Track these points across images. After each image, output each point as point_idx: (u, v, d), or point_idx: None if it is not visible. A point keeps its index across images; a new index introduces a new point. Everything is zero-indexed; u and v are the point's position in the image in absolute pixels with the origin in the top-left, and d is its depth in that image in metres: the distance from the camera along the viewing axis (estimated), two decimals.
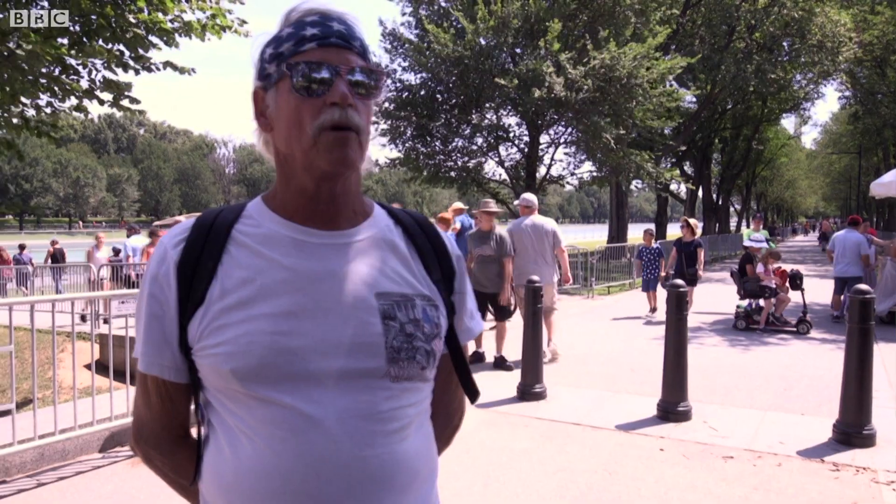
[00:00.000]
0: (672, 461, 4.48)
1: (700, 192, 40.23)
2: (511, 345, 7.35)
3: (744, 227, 51.15)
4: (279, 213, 1.09)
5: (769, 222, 61.54)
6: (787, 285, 9.93)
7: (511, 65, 18.44)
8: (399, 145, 19.94)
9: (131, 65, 6.57)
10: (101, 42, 6.16)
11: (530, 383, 6.00)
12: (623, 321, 10.94)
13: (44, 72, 6.16)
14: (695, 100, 31.27)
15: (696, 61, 21.72)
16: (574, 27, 18.84)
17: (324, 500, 0.99)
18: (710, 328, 10.18)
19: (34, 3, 5.94)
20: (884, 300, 10.06)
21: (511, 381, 6.37)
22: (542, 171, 21.45)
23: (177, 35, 6.48)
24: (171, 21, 6.37)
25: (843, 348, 4.88)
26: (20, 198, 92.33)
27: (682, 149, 31.05)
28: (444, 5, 20.34)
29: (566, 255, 7.83)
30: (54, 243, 19.70)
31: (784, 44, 27.95)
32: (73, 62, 6.38)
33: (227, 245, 1.06)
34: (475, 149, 20.54)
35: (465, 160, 20.59)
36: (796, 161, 64.25)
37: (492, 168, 32.59)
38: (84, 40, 6.07)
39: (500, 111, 19.89)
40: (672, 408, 5.34)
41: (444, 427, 1.28)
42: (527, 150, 20.49)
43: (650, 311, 11.27)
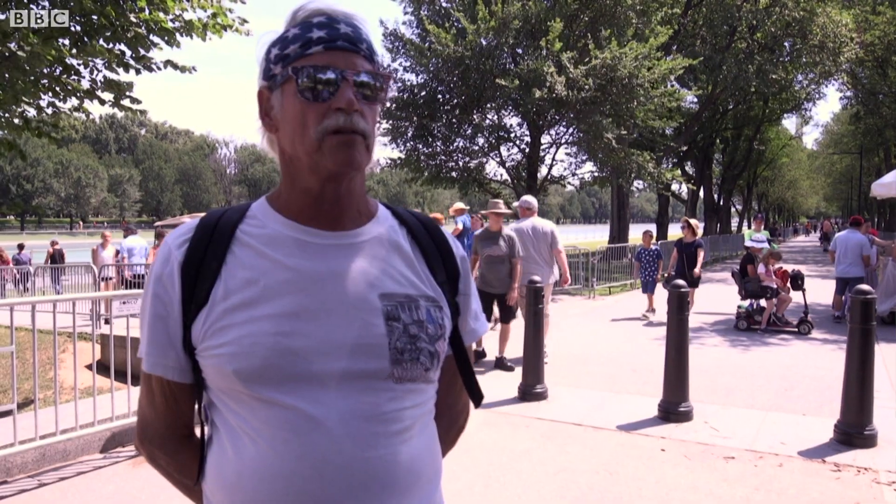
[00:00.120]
0: (673, 462, 4.48)
1: (701, 193, 40.23)
2: (510, 345, 7.37)
3: (745, 228, 51.13)
4: (283, 214, 1.08)
5: (770, 223, 61.47)
6: (788, 285, 9.92)
7: (512, 65, 18.43)
8: (400, 145, 19.94)
9: (132, 64, 6.58)
10: (101, 42, 6.17)
11: (531, 384, 6.00)
12: (624, 321, 10.94)
13: (45, 72, 6.17)
14: (696, 100, 31.26)
15: (698, 62, 21.70)
16: (575, 27, 18.83)
17: (326, 501, 0.99)
18: (712, 328, 10.17)
19: (35, 3, 5.94)
20: (885, 300, 10.05)
21: (512, 381, 6.37)
22: (543, 171, 21.45)
23: (178, 34, 6.49)
24: (173, 20, 6.37)
25: (845, 349, 4.88)
26: (21, 198, 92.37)
27: (684, 149, 31.07)
28: (446, 6, 20.34)
29: (564, 256, 7.88)
30: (54, 244, 19.68)
31: (785, 44, 27.92)
32: (74, 62, 6.38)
33: (231, 245, 1.06)
34: (476, 149, 20.53)
35: (467, 160, 20.58)
36: (797, 161, 64.20)
37: (493, 168, 32.55)
38: (85, 40, 6.08)
39: (502, 111, 19.89)
40: (673, 408, 5.34)
41: (449, 428, 1.28)
42: (528, 150, 20.48)
43: (647, 311, 11.24)
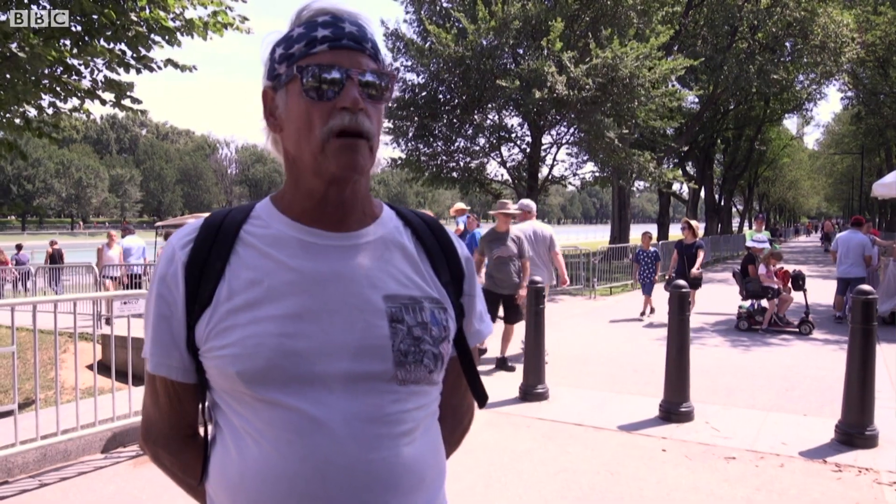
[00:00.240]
0: (674, 462, 4.48)
1: (702, 193, 40.25)
2: (509, 345, 7.37)
3: (746, 228, 51.10)
4: (287, 214, 1.08)
5: (771, 223, 61.48)
6: (789, 286, 9.91)
7: (513, 65, 18.43)
8: (402, 144, 19.95)
9: (133, 64, 6.58)
10: (102, 42, 6.17)
11: (532, 384, 6.00)
12: (625, 322, 10.93)
13: (46, 72, 6.17)
14: (697, 100, 31.26)
15: (699, 62, 21.69)
16: (576, 27, 18.84)
17: (329, 502, 0.99)
18: (713, 329, 10.17)
19: (36, 3, 5.95)
20: (886, 301, 10.04)
21: (513, 381, 6.36)
22: (544, 171, 21.45)
23: (179, 33, 6.49)
24: (173, 19, 6.38)
25: (846, 349, 4.87)
26: (22, 199, 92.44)
27: (685, 149, 31.08)
28: (446, 6, 20.35)
29: (562, 259, 7.98)
30: (53, 243, 19.69)
31: (787, 44, 27.93)
32: (75, 62, 6.39)
33: (235, 246, 1.06)
34: (477, 149, 20.54)
35: (468, 161, 20.59)
36: (798, 162, 64.19)
37: (494, 169, 32.56)
38: (86, 40, 6.08)
39: (503, 111, 19.89)
40: (674, 408, 5.33)
41: (454, 430, 1.28)
42: (529, 150, 20.49)
43: (642, 313, 11.19)
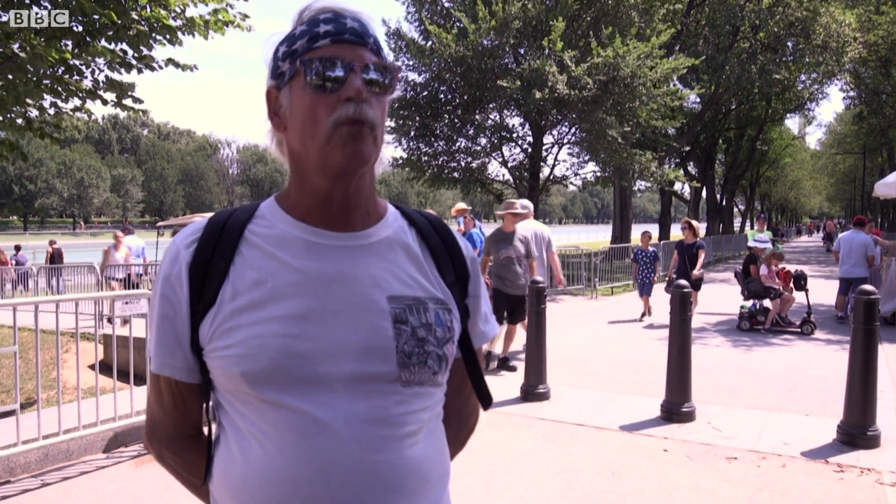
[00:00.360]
0: (676, 462, 4.47)
1: (704, 193, 40.20)
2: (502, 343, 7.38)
3: (748, 228, 51.07)
4: (292, 214, 1.08)
5: (773, 223, 61.41)
6: (790, 286, 9.90)
7: (514, 64, 18.41)
8: (403, 143, 19.95)
9: (134, 64, 6.59)
10: (103, 42, 6.18)
11: (534, 384, 5.99)
12: (626, 322, 10.93)
13: (47, 72, 6.18)
14: (699, 100, 31.23)
15: (700, 61, 21.67)
16: (577, 27, 18.83)
17: None
18: (714, 329, 10.16)
19: (38, 4, 5.95)
20: (888, 301, 10.03)
21: (514, 381, 6.36)
22: (545, 171, 21.44)
23: (180, 32, 6.49)
24: (174, 18, 6.38)
25: (848, 349, 4.87)
26: (23, 199, 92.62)
27: (686, 149, 31.05)
28: (447, 5, 20.34)
29: (557, 259, 8.07)
30: (52, 243, 19.72)
31: (788, 44, 27.91)
32: (76, 62, 6.39)
33: (240, 246, 1.05)
34: (478, 149, 20.53)
35: (469, 161, 20.57)
36: (800, 161, 64.12)
37: (495, 168, 32.53)
38: (87, 40, 6.08)
39: (504, 111, 19.88)
40: (676, 408, 5.33)
41: (458, 431, 1.27)
42: (530, 150, 20.48)
43: (642, 315, 11.11)
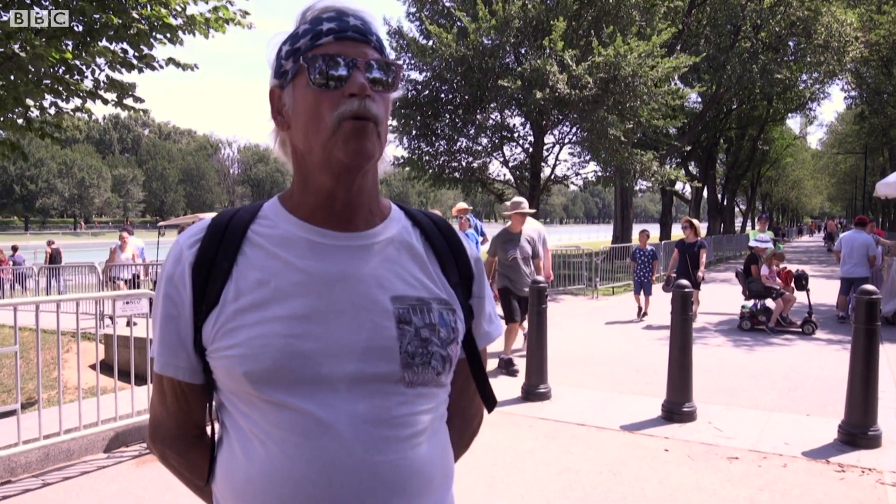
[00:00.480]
0: (677, 462, 4.47)
1: (705, 193, 40.17)
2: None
3: (749, 228, 51.04)
4: (295, 214, 1.07)
5: (774, 223, 61.38)
6: (792, 285, 9.89)
7: (515, 64, 18.40)
8: (405, 142, 19.93)
9: (135, 63, 6.59)
10: (104, 42, 6.17)
11: (535, 384, 5.99)
12: (627, 322, 10.92)
13: (48, 72, 6.18)
14: (700, 100, 31.21)
15: (701, 61, 21.66)
16: (578, 26, 18.81)
17: None
18: (715, 329, 10.16)
19: (39, 4, 5.95)
20: (890, 301, 10.02)
21: (515, 381, 6.36)
22: (546, 171, 21.41)
23: (180, 31, 6.49)
24: (175, 16, 6.38)
25: (849, 349, 4.86)
26: (24, 199, 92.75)
27: (688, 149, 31.03)
28: (448, 5, 20.32)
29: (550, 255, 8.15)
30: (51, 244, 19.73)
31: (790, 43, 27.88)
32: (77, 62, 6.39)
33: (243, 246, 1.05)
34: (479, 149, 20.51)
35: (470, 160, 20.56)
36: (802, 161, 64.07)
37: (496, 168, 32.53)
38: (88, 40, 6.08)
39: (505, 111, 19.86)
40: (677, 408, 5.33)
41: (462, 433, 1.27)
42: (531, 150, 20.46)
43: (644, 314, 11.09)
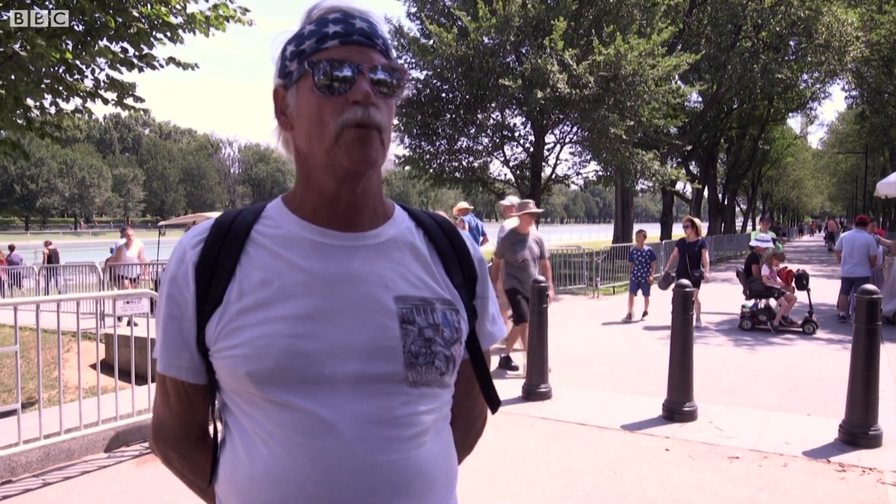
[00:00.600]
0: (677, 461, 4.47)
1: (706, 192, 40.16)
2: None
3: (751, 230, 51.03)
4: (298, 214, 1.07)
5: (774, 222, 61.38)
6: (792, 285, 9.88)
7: (516, 63, 18.40)
8: (406, 141, 19.93)
9: (135, 63, 6.58)
10: (105, 41, 6.16)
11: (535, 383, 5.99)
12: (627, 322, 10.90)
13: (48, 72, 6.17)
14: (700, 99, 31.20)
15: (702, 60, 21.65)
16: (578, 25, 18.81)
17: None
18: (716, 328, 10.15)
19: (41, 4, 5.94)
20: (890, 300, 10.01)
21: (516, 381, 6.36)
22: (547, 170, 21.40)
23: (181, 31, 6.48)
24: (175, 15, 6.37)
25: (850, 348, 4.86)
26: (24, 199, 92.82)
27: (688, 148, 31.00)
28: (448, 4, 20.31)
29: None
30: (48, 244, 19.76)
31: (791, 43, 27.87)
32: (77, 62, 6.39)
33: (246, 246, 1.05)
34: (480, 148, 20.50)
35: (470, 160, 20.54)
36: (802, 161, 64.09)
37: (497, 168, 32.56)
38: (88, 40, 6.08)
39: (505, 110, 19.85)
40: (677, 408, 5.32)
41: (466, 434, 1.26)
42: (532, 149, 20.45)
43: (644, 314, 11.02)
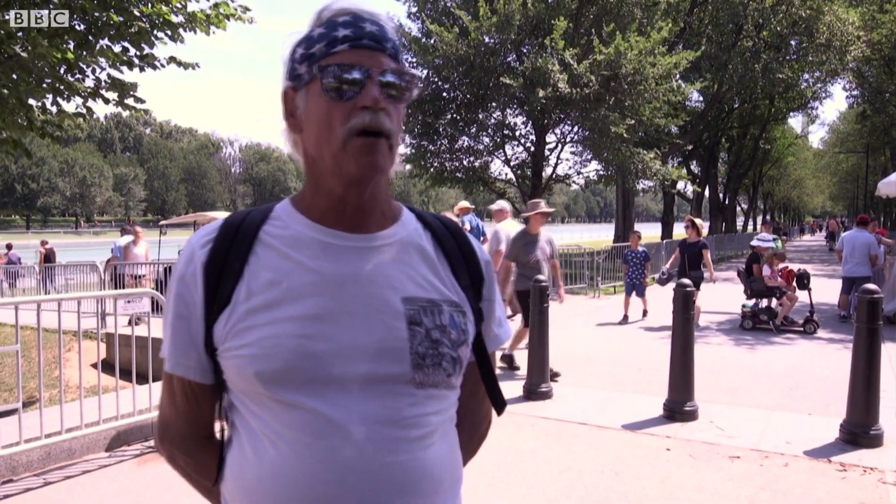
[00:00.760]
0: (678, 461, 4.47)
1: (707, 192, 40.15)
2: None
3: (750, 229, 51.01)
4: (307, 216, 1.07)
5: (775, 222, 61.35)
6: (793, 285, 9.87)
7: (517, 62, 18.40)
8: (408, 140, 19.93)
9: (136, 62, 6.58)
10: (106, 41, 6.16)
11: (536, 383, 5.99)
12: (628, 321, 10.90)
13: (49, 72, 6.17)
14: (701, 99, 31.18)
15: (703, 59, 21.64)
16: (579, 24, 18.81)
17: None
18: (717, 328, 10.14)
19: (44, 5, 5.94)
20: (891, 300, 10.01)
21: (517, 380, 6.36)
22: (548, 170, 21.40)
23: (182, 29, 6.47)
24: (176, 14, 6.36)
25: (851, 348, 4.86)
26: (25, 198, 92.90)
27: (689, 148, 30.99)
28: (449, 3, 20.30)
29: None
30: (44, 244, 19.77)
31: (792, 42, 27.86)
32: (79, 62, 6.38)
33: (255, 246, 1.05)
34: (481, 148, 20.49)
35: (471, 159, 20.54)
36: (803, 160, 64.05)
37: (498, 167, 32.56)
38: (89, 39, 6.07)
39: (506, 110, 19.85)
40: (678, 407, 5.32)
41: (471, 436, 1.27)
42: (533, 148, 20.45)
43: (624, 318, 10.81)
